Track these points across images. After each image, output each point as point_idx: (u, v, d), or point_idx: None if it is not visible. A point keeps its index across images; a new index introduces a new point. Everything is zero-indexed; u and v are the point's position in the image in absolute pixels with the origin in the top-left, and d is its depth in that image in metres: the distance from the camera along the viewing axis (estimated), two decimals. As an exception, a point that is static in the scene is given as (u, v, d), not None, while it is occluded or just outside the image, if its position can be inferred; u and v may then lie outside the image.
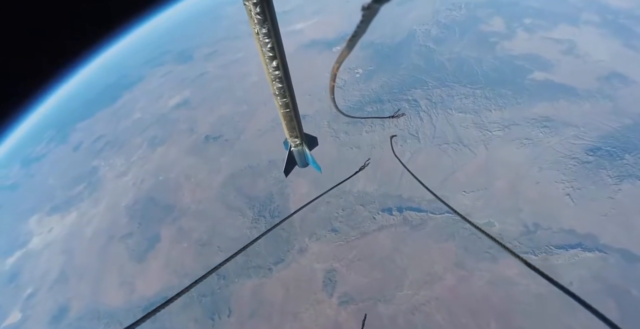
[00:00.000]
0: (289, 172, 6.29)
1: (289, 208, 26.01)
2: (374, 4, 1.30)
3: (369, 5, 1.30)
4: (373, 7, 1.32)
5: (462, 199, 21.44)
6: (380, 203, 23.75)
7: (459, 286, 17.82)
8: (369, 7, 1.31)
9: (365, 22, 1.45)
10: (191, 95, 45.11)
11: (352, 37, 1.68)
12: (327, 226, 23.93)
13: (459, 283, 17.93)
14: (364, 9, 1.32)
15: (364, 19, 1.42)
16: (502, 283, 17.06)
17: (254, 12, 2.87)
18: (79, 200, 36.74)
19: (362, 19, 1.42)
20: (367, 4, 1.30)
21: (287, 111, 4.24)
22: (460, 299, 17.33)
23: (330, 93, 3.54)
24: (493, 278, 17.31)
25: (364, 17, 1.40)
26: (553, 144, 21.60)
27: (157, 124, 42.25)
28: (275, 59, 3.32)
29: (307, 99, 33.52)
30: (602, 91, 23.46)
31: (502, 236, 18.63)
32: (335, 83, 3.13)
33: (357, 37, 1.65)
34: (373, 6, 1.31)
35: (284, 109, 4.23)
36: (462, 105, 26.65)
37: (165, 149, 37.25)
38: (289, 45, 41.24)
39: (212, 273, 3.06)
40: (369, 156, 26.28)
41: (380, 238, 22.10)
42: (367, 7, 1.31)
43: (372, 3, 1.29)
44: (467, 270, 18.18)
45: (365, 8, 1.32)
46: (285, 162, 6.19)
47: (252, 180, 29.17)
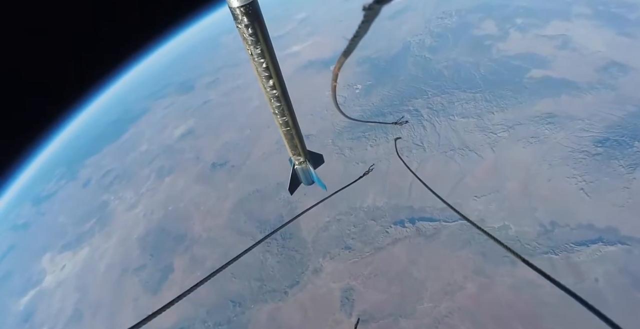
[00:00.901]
0: (294, 190, 6.29)
1: (300, 229, 25.78)
2: (376, 4, 1.30)
3: (370, 6, 1.31)
4: (374, 8, 1.32)
5: (475, 205, 21.03)
6: (392, 216, 23.40)
7: (481, 293, 17.21)
8: (370, 8, 1.32)
9: (367, 22, 1.46)
10: (195, 124, 45.95)
11: (354, 37, 1.70)
12: (340, 244, 23.57)
13: (481, 290, 17.33)
14: (365, 9, 1.33)
15: (366, 19, 1.42)
16: (525, 287, 16.44)
17: (246, 34, 2.93)
18: (90, 235, 36.98)
19: (364, 19, 1.43)
20: (369, 4, 1.30)
21: (288, 129, 4.31)
22: (483, 307, 16.70)
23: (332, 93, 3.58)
24: (515, 283, 16.71)
25: (365, 17, 1.40)
26: (560, 140, 21.26)
27: (163, 154, 42.89)
28: (271, 78, 3.37)
29: (309, 119, 33.82)
30: (603, 81, 23.24)
31: (519, 238, 18.10)
32: (336, 83, 3.16)
33: (359, 37, 1.67)
34: (374, 6, 1.31)
35: (285, 128, 4.30)
36: (463, 110, 26.60)
37: (173, 179, 37.62)
38: (287, 67, 42.23)
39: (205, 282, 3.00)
40: (376, 171, 26.27)
41: (395, 252, 21.65)
42: (369, 7, 1.32)
43: (374, 3, 1.30)
44: (488, 276, 17.61)
45: (366, 8, 1.33)
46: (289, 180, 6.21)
47: (261, 203, 29.14)
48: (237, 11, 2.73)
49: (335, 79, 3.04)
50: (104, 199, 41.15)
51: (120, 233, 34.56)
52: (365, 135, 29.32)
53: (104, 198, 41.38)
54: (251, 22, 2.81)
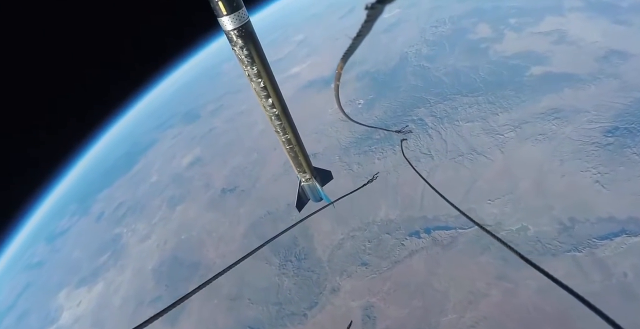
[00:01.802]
0: (302, 207, 6.29)
1: (315, 248, 25.50)
2: (378, 4, 1.30)
3: (372, 5, 1.31)
4: (377, 7, 1.32)
5: (489, 208, 20.57)
6: (406, 228, 22.98)
7: (506, 300, 16.54)
8: (372, 7, 1.32)
9: (370, 21, 1.46)
10: (202, 152, 46.64)
11: (357, 37, 1.71)
12: (356, 260, 23.14)
13: (506, 296, 16.67)
14: (368, 8, 1.33)
15: (369, 18, 1.43)
16: (551, 289, 15.66)
17: (242, 55, 3.10)
18: (104, 269, 37.09)
19: (367, 19, 1.43)
20: (371, 4, 1.30)
21: (291, 146, 4.39)
22: (510, 314, 16.02)
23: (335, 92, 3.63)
24: (541, 285, 16.01)
25: (368, 16, 1.41)
26: (569, 134, 20.87)
27: (173, 184, 43.41)
28: (269, 97, 3.52)
29: (314, 137, 33.99)
30: (604, 70, 23.01)
31: (540, 238, 17.52)
32: (339, 82, 3.21)
33: (362, 36, 1.68)
34: (377, 6, 1.31)
35: (288, 145, 4.39)
36: (467, 115, 26.48)
37: (184, 207, 37.87)
38: (288, 89, 43.03)
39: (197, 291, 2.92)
40: (386, 183, 26.11)
41: (413, 264, 21.14)
42: (371, 6, 1.31)
43: (376, 3, 1.30)
44: (511, 281, 16.97)
45: (368, 8, 1.32)
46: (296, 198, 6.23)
47: (273, 226, 28.99)
48: (231, 34, 2.90)
49: (338, 79, 3.09)
50: (117, 232, 41.52)
51: (135, 265, 34.63)
52: (372, 149, 29.29)
53: (116, 231, 41.77)
54: (245, 43, 2.98)
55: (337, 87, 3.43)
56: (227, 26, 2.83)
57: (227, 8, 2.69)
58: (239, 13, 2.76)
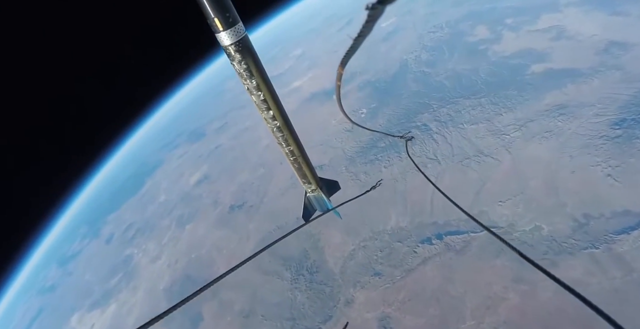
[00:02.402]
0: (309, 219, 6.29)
1: (326, 261, 25.19)
2: (378, 5, 1.30)
3: (373, 6, 1.30)
4: (377, 8, 1.32)
5: (501, 210, 20.20)
6: (417, 235, 22.64)
7: (525, 303, 16.06)
8: (373, 8, 1.32)
9: (371, 22, 1.46)
10: (209, 169, 47.00)
11: (358, 37, 1.72)
12: (369, 271, 22.78)
13: (524, 299, 16.19)
14: (369, 8, 1.33)
15: (369, 19, 1.43)
16: (570, 288, 15.30)
17: (241, 69, 3.24)
18: (117, 291, 37.08)
19: (368, 19, 1.44)
20: (372, 4, 1.30)
21: (294, 158, 4.47)
22: (530, 317, 15.51)
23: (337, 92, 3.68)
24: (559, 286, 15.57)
25: (369, 17, 1.41)
26: (575, 129, 20.58)
27: (181, 203, 43.64)
28: (270, 109, 3.65)
29: (320, 149, 34.04)
30: (605, 63, 22.82)
31: (554, 237, 17.08)
32: (340, 82, 3.25)
33: (363, 36, 1.69)
34: (377, 6, 1.31)
35: (291, 157, 4.47)
36: (471, 117, 26.35)
37: (193, 226, 37.95)
38: (291, 103, 43.45)
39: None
40: (394, 191, 25.91)
41: (427, 271, 20.72)
42: (372, 7, 1.31)
43: (377, 3, 1.29)
44: (529, 284, 16.50)
45: (369, 8, 1.32)
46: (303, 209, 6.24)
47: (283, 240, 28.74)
48: (229, 49, 3.03)
49: (339, 79, 3.13)
50: (127, 254, 41.71)
51: (146, 286, 34.55)
52: (378, 157, 29.21)
53: (127, 253, 41.97)
54: (244, 57, 3.10)
55: (338, 87, 3.46)
56: (224, 41, 2.95)
57: (223, 24, 2.81)
58: (236, 28, 2.88)
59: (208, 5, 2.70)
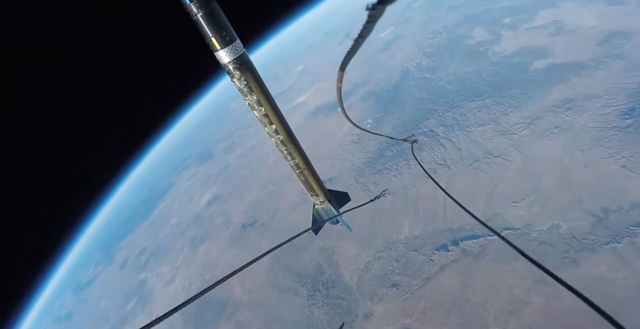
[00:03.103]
0: (318, 231, 6.28)
1: (342, 275, 24.82)
2: (379, 5, 1.31)
3: (374, 6, 1.31)
4: (378, 8, 1.33)
5: (516, 211, 19.78)
6: (433, 242, 22.23)
7: (550, 304, 15.48)
8: (374, 8, 1.32)
9: (371, 22, 1.48)
10: (219, 189, 47.27)
11: (358, 38, 1.73)
12: (386, 282, 22.35)
13: (548, 301, 15.62)
14: (369, 9, 1.33)
15: (370, 19, 1.44)
16: (595, 285, 14.71)
17: (241, 85, 3.34)
18: (132, 316, 36.91)
19: (368, 20, 1.44)
20: (372, 5, 1.31)
21: (300, 171, 4.52)
22: (556, 318, 14.92)
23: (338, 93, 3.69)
24: (583, 283, 14.96)
25: (370, 17, 1.41)
26: (585, 123, 20.27)
27: (193, 224, 43.80)
28: (272, 123, 3.72)
29: (328, 162, 34.06)
30: (608, 53, 22.64)
31: (574, 234, 16.60)
32: (341, 84, 3.27)
33: (363, 37, 1.70)
34: (378, 7, 1.32)
35: (297, 170, 4.52)
36: (477, 119, 26.18)
37: (206, 247, 37.92)
38: (296, 118, 43.84)
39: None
40: (405, 199, 25.63)
41: (445, 279, 20.23)
42: (372, 7, 1.32)
43: (377, 4, 1.30)
44: (551, 284, 15.68)
45: (370, 8, 1.33)
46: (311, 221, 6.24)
47: (297, 256, 28.56)
48: (228, 66, 3.14)
49: (340, 80, 3.14)
50: (142, 278, 41.70)
51: (162, 309, 34.00)
52: (387, 167, 29.05)
53: (141, 277, 41.98)
54: (243, 73, 3.21)
55: (339, 88, 3.48)
56: (223, 59, 3.07)
57: (221, 42, 2.94)
58: (234, 45, 3.01)
59: (205, 26, 2.85)
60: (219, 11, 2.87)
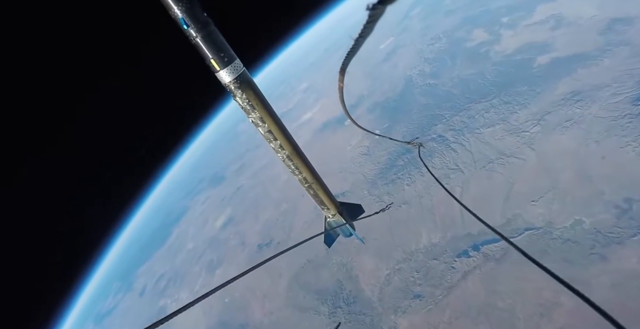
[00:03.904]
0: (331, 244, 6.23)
1: (362, 290, 24.33)
2: (379, 5, 1.30)
3: (374, 6, 1.31)
4: (378, 8, 1.32)
5: (535, 209, 19.21)
6: (453, 249, 21.69)
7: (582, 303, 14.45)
8: (374, 8, 1.32)
9: (372, 22, 1.48)
10: (233, 211, 47.53)
11: (359, 38, 1.74)
12: (408, 294, 21.76)
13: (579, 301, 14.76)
14: (369, 9, 1.33)
15: (370, 19, 1.44)
16: (627, 281, 13.96)
17: (244, 103, 3.45)
18: (154, 344, 36.59)
19: (369, 20, 1.44)
20: (372, 5, 1.30)
21: (308, 185, 4.57)
22: (589, 318, 14.09)
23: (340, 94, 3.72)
24: (615, 279, 14.28)
25: (370, 17, 1.41)
26: (596, 113, 19.80)
27: (209, 248, 43.89)
28: (276, 139, 3.80)
29: (340, 176, 33.97)
30: (611, 41, 22.30)
31: (599, 229, 15.95)
32: (343, 84, 3.28)
33: (364, 37, 1.71)
34: (378, 7, 1.31)
35: (305, 184, 4.58)
36: (486, 120, 25.91)
37: (223, 270, 37.88)
38: (304, 134, 44.16)
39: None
40: (421, 207, 25.21)
41: (469, 286, 19.60)
42: (373, 7, 1.31)
43: (378, 3, 1.30)
44: (581, 282, 15.19)
45: (370, 8, 1.32)
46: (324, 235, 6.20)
47: (315, 274, 28.20)
48: (230, 86, 3.25)
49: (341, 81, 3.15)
50: (161, 305, 41.65)
51: (184, 335, 33.91)
52: (399, 176, 28.80)
53: (161, 303, 41.95)
54: (244, 91, 3.30)
55: (341, 89, 3.51)
56: (224, 79, 3.19)
57: (220, 63, 3.07)
58: (233, 65, 3.13)
59: (204, 48, 2.99)
60: (216, 34, 2.99)
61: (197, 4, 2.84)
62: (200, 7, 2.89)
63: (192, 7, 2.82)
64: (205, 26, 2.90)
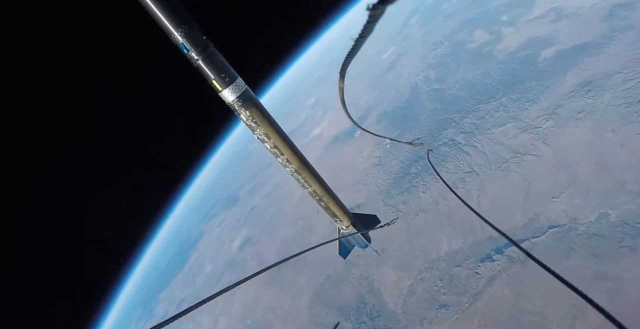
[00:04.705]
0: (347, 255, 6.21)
1: (386, 303, 23.75)
2: (380, 5, 1.30)
3: (374, 6, 1.30)
4: (379, 8, 1.32)
5: (557, 206, 18.63)
6: (475, 254, 21.09)
7: (615, 300, 14.01)
8: (374, 8, 1.32)
9: (372, 22, 1.48)
10: (249, 232, 47.44)
11: (359, 38, 1.74)
12: (433, 304, 21.14)
13: (613, 297, 14.17)
14: (369, 9, 1.33)
15: (371, 19, 1.44)
16: (662, 273, 13.34)
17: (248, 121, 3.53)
18: (179, 370, 36.31)
19: (369, 20, 1.44)
20: (373, 5, 1.30)
21: (319, 198, 4.67)
22: (626, 315, 13.43)
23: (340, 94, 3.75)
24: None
25: (370, 17, 1.41)
26: (609, 101, 19.34)
27: (228, 270, 43.89)
28: (282, 154, 3.85)
29: (354, 189, 33.82)
30: (615, 27, 22.01)
31: (626, 220, 15.32)
32: (343, 85, 3.33)
33: (364, 37, 1.71)
34: (379, 7, 1.31)
35: (315, 198, 4.69)
36: (497, 120, 25.60)
37: (243, 291, 37.00)
38: (315, 149, 44.41)
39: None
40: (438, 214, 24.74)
41: (496, 291, 18.93)
42: (373, 7, 1.31)
43: (378, 3, 1.30)
44: (613, 279, 14.55)
45: (370, 8, 1.32)
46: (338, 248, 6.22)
47: (336, 290, 27.73)
48: (234, 105, 3.34)
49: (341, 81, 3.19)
50: (183, 329, 41.73)
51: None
52: (413, 184, 28.48)
53: (183, 328, 41.40)
54: (248, 108, 3.38)
55: (341, 89, 3.51)
56: (228, 98, 3.29)
57: (221, 84, 3.17)
58: (235, 84, 3.22)
59: (206, 70, 3.10)
60: (216, 55, 3.09)
61: (195, 28, 2.93)
62: (200, 31, 2.98)
63: (190, 31, 2.91)
64: (205, 49, 3.00)
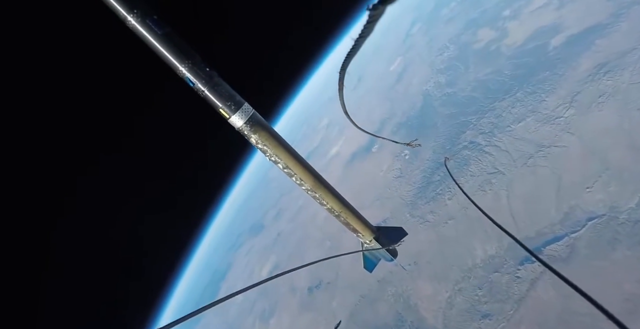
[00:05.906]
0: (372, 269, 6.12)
1: (424, 318, 22.82)
2: (380, 5, 1.32)
3: (374, 6, 1.33)
4: (379, 8, 1.34)
5: (592, 196, 17.73)
6: (513, 257, 20.19)
7: (673, 292, 12.98)
8: (375, 8, 1.34)
9: (372, 22, 1.51)
10: (277, 258, 47.44)
11: (359, 38, 1.76)
12: (475, 315, 20.15)
13: (670, 287, 13.14)
14: (369, 9, 1.35)
15: (371, 19, 1.47)
16: None
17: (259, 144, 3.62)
18: None
19: (369, 20, 1.47)
20: (373, 5, 1.32)
21: (337, 214, 4.71)
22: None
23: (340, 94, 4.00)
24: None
25: (370, 17, 1.44)
26: (629, 80, 18.64)
27: (260, 298, 43.55)
28: (295, 174, 3.92)
29: (378, 205, 33.44)
30: (622, 2, 21.52)
31: (670, 203, 14.38)
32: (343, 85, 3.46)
33: (364, 37, 1.73)
34: (379, 7, 1.33)
35: (334, 214, 4.62)
36: (515, 116, 25.07)
37: (277, 318, 37.33)
38: (335, 169, 44.65)
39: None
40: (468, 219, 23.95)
41: (541, 294, 17.91)
42: (373, 8, 1.34)
43: (378, 4, 1.32)
44: (665, 268, 13.53)
45: (370, 9, 1.35)
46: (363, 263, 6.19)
47: (372, 309, 26.97)
48: (243, 130, 3.46)
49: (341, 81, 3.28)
50: (220, 363, 41.08)
51: None
52: (438, 192, 27.93)
53: None
54: (256, 132, 3.48)
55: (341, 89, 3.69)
56: (236, 124, 3.41)
57: (228, 111, 3.30)
58: (242, 109, 3.34)
59: (213, 99, 3.24)
60: (221, 84, 3.24)
61: (198, 60, 3.07)
62: (203, 63, 3.13)
63: (195, 64, 3.05)
64: (210, 79, 3.15)
